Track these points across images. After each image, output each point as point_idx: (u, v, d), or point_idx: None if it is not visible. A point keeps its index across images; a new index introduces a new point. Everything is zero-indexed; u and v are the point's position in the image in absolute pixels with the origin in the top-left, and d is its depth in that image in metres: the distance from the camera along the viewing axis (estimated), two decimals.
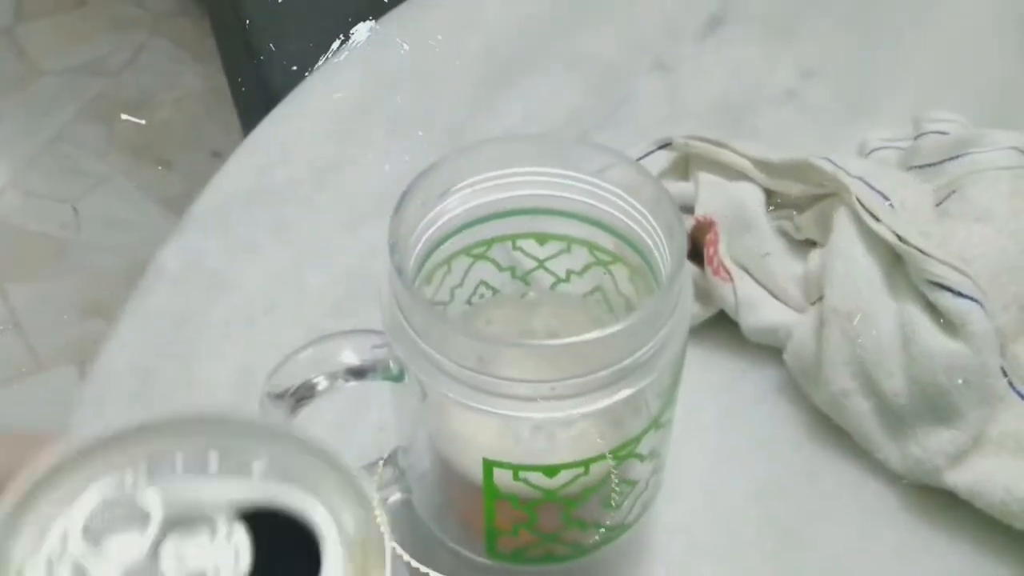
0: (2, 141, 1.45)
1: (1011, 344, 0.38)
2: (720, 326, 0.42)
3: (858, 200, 0.39)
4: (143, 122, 1.45)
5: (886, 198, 0.39)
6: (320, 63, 0.56)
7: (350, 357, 0.29)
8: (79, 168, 1.40)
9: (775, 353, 0.41)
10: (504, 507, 0.31)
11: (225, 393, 0.42)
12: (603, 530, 0.33)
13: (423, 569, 0.32)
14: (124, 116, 1.46)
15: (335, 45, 0.56)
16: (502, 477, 0.29)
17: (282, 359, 0.30)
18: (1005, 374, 0.37)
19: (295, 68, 0.57)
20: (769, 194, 0.43)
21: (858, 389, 0.38)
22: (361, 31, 0.58)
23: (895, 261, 0.39)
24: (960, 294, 0.36)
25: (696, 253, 0.42)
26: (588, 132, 0.52)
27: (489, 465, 0.29)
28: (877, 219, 0.38)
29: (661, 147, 0.46)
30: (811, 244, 0.42)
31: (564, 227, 0.34)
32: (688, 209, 0.43)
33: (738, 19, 0.58)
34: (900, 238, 0.38)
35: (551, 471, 0.29)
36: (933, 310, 0.37)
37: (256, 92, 0.74)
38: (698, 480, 0.39)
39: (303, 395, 0.29)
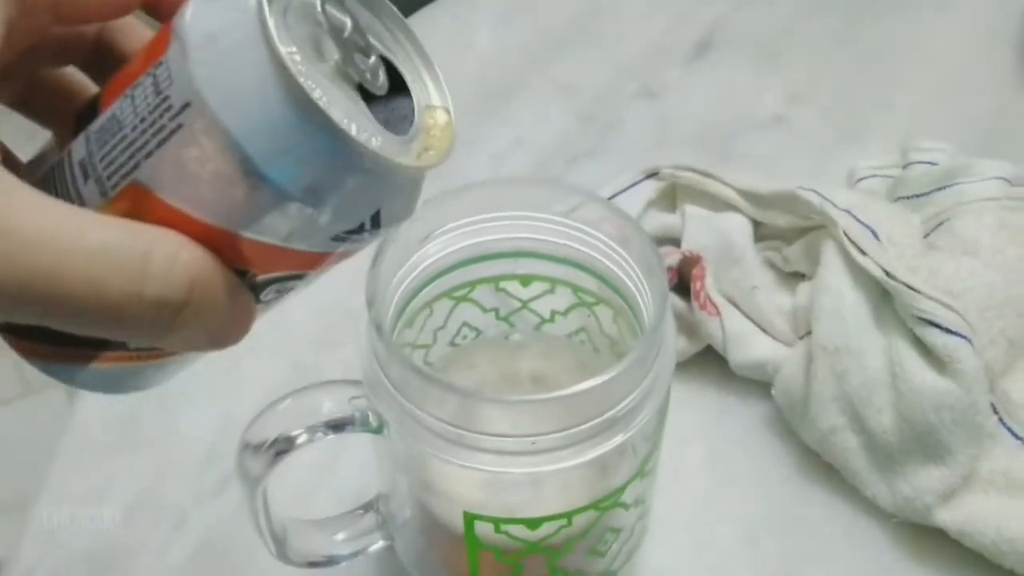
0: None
1: (1000, 379, 0.38)
2: (707, 360, 0.42)
3: (845, 234, 0.39)
4: None
5: (873, 231, 0.39)
6: None
7: (329, 410, 0.29)
8: None
9: (763, 388, 0.41)
10: (487, 558, 0.30)
11: (213, 414, 0.41)
12: None
13: None
14: None
15: None
16: (483, 529, 0.29)
17: (260, 410, 0.29)
18: (995, 410, 0.37)
19: None
20: (757, 225, 0.43)
21: (847, 425, 0.38)
22: None
23: (883, 296, 0.38)
24: (948, 330, 0.35)
25: (683, 286, 0.42)
26: (576, 158, 0.52)
27: (470, 518, 0.29)
28: (864, 253, 0.38)
29: (648, 176, 0.45)
30: (800, 276, 0.42)
31: (547, 269, 0.34)
32: (675, 241, 0.43)
33: (725, 44, 0.58)
34: (887, 273, 0.37)
35: (534, 523, 0.29)
36: (921, 346, 0.36)
37: None
38: (684, 521, 0.38)
39: (282, 448, 0.29)
